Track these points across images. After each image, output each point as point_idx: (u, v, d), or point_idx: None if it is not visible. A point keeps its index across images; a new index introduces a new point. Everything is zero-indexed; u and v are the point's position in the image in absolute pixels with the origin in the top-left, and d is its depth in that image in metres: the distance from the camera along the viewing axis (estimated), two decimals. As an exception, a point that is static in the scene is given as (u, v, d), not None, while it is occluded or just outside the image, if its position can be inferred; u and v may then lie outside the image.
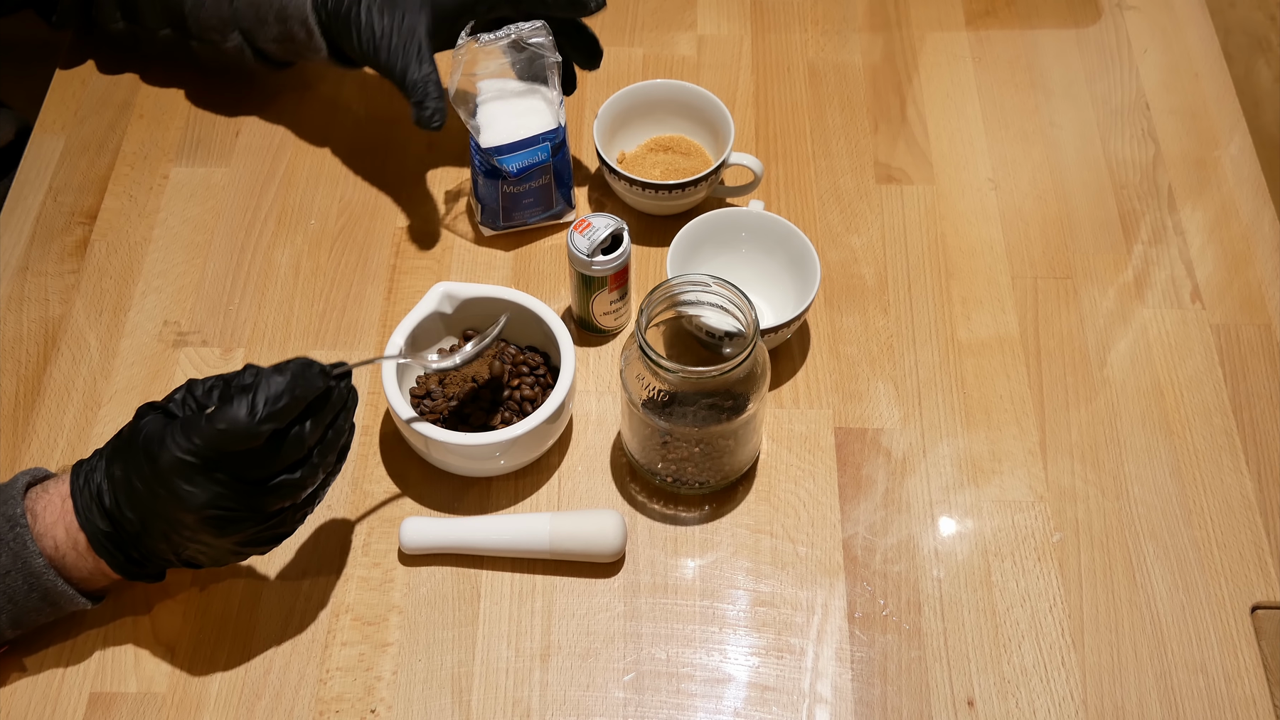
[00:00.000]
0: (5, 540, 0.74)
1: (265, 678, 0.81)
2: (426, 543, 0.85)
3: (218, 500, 0.69)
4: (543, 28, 0.94)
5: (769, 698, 0.80)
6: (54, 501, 0.75)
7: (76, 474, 0.75)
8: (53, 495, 0.75)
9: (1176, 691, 0.80)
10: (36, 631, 0.80)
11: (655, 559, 0.86)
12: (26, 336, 0.97)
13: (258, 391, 0.68)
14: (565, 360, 0.86)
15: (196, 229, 1.03)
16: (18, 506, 0.74)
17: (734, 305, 0.81)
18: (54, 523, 0.74)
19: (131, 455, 0.71)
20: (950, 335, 0.97)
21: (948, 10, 1.19)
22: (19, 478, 0.77)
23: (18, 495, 0.75)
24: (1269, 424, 0.92)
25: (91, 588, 0.77)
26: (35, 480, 0.77)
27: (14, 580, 0.74)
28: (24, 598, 0.75)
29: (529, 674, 0.81)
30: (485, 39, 0.94)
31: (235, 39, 1.00)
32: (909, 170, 1.07)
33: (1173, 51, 1.15)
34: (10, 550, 0.74)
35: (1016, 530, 0.87)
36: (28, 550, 0.73)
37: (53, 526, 0.74)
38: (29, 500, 0.75)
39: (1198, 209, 1.04)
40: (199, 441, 0.68)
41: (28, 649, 0.82)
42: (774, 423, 0.92)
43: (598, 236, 0.89)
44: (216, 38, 1.01)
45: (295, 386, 0.69)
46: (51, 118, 1.11)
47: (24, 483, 0.76)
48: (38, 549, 0.74)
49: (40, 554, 0.74)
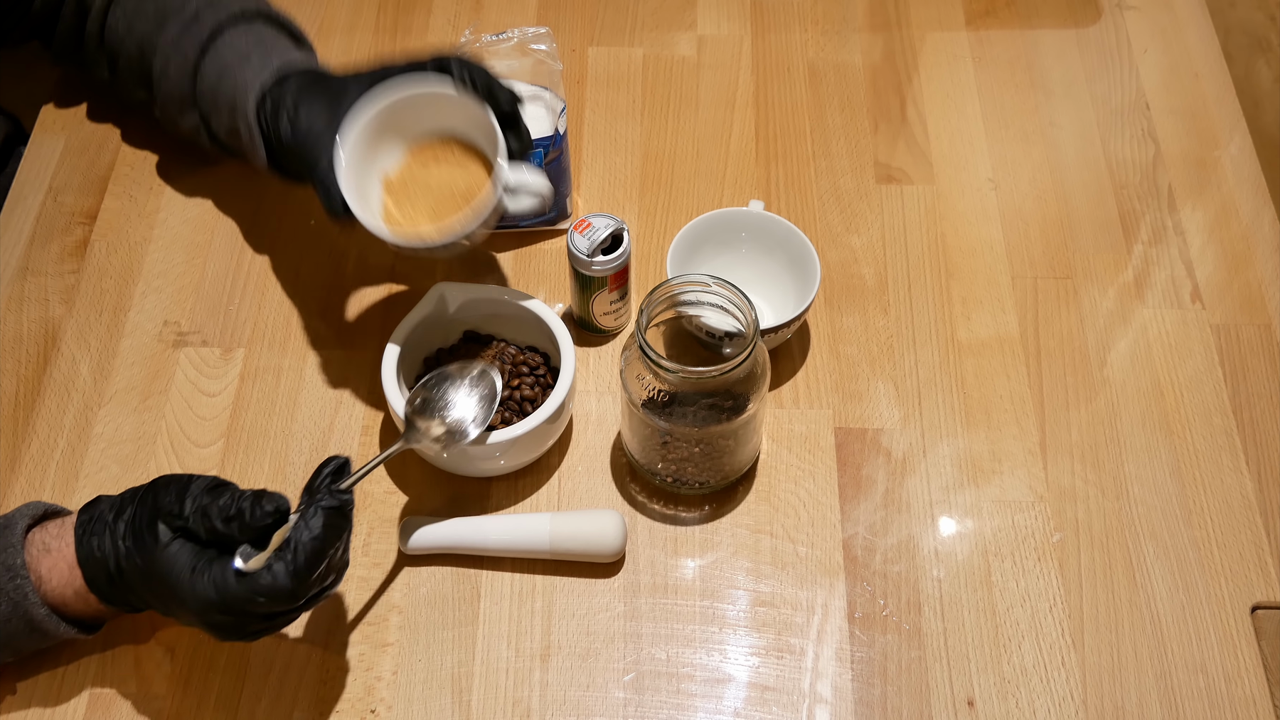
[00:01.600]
0: (5, 591, 0.73)
1: (265, 678, 0.81)
2: (426, 543, 0.85)
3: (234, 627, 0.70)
4: (547, 34, 0.94)
5: (769, 698, 0.80)
6: (59, 566, 0.74)
7: (82, 543, 0.73)
8: (56, 559, 0.74)
9: (1176, 691, 0.80)
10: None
11: (655, 559, 0.86)
12: (26, 336, 0.97)
13: (295, 554, 0.68)
14: (565, 360, 0.86)
15: (196, 229, 1.03)
16: (18, 556, 0.74)
17: (734, 305, 0.81)
18: (62, 587, 0.74)
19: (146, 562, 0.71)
20: (950, 335, 0.97)
21: (948, 10, 1.19)
22: (17, 520, 0.76)
23: (18, 544, 0.74)
24: (1269, 424, 0.92)
25: (91, 622, 0.78)
26: (34, 520, 0.76)
27: (14, 625, 0.75)
28: (24, 637, 0.75)
29: (529, 674, 0.81)
30: (488, 39, 0.94)
31: (193, 118, 0.96)
32: (909, 170, 1.07)
33: (1173, 51, 1.16)
34: (10, 600, 0.74)
35: (1016, 530, 0.87)
36: (28, 601, 0.73)
37: (61, 590, 0.74)
38: (32, 558, 0.74)
39: (1198, 209, 1.04)
40: (233, 603, 0.68)
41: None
42: (774, 423, 0.92)
43: (598, 236, 0.89)
44: (175, 113, 0.97)
45: (330, 540, 0.69)
46: (51, 118, 1.11)
47: (23, 527, 0.75)
48: (39, 599, 0.74)
49: (42, 604, 0.74)
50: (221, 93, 0.92)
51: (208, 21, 0.94)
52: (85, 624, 0.77)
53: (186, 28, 0.95)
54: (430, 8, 1.19)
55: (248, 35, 0.94)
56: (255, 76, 0.89)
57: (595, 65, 1.15)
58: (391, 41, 1.16)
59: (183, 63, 0.94)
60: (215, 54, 0.93)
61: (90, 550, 0.73)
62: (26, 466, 0.90)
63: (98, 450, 0.91)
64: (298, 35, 0.99)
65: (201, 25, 0.94)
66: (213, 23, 0.94)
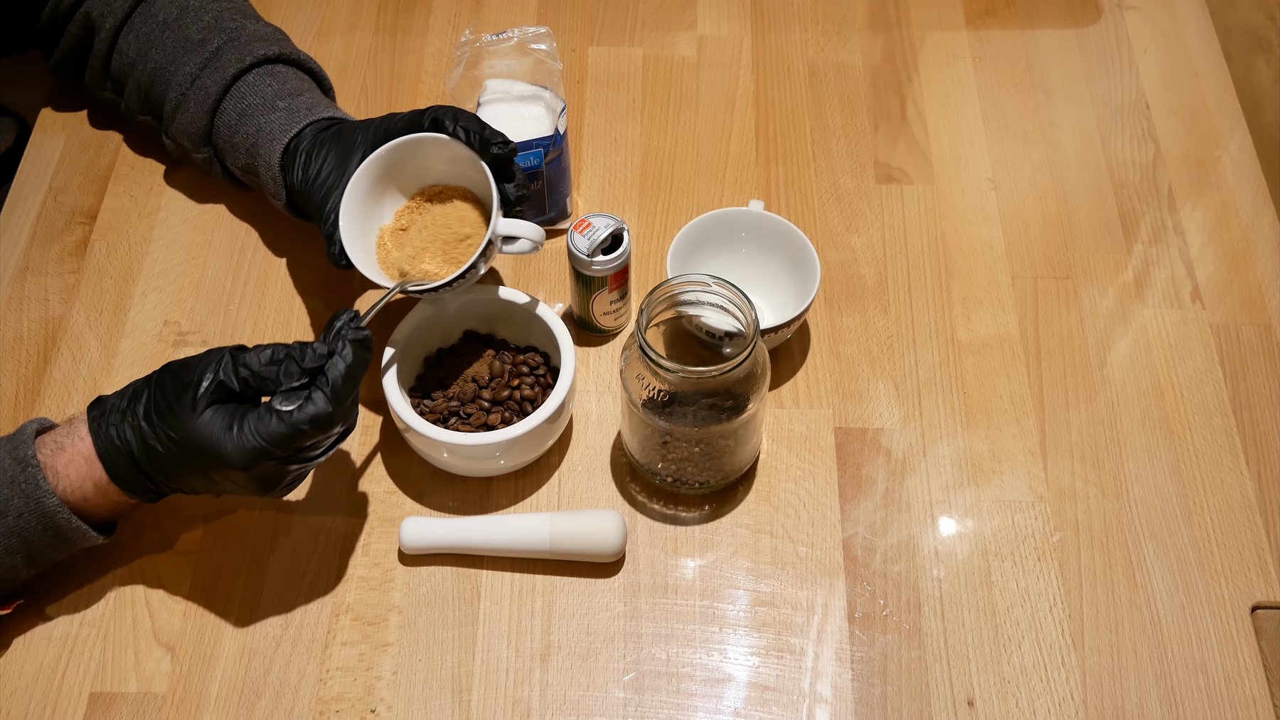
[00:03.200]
0: (18, 482, 0.75)
1: (265, 678, 0.81)
2: (426, 543, 0.85)
3: (274, 473, 0.74)
4: (547, 34, 0.94)
5: (769, 698, 0.80)
6: (76, 461, 0.76)
7: (99, 434, 0.76)
8: (72, 454, 0.76)
9: (1176, 691, 0.80)
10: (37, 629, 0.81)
11: (655, 559, 0.86)
12: (26, 336, 0.97)
13: (333, 383, 0.72)
14: (565, 360, 0.86)
15: (196, 229, 1.03)
16: (28, 449, 0.76)
17: (734, 305, 0.81)
18: (81, 480, 0.76)
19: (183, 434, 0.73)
20: (950, 335, 0.97)
21: (948, 10, 1.19)
22: (26, 426, 0.78)
23: (29, 439, 0.76)
24: (1269, 424, 0.92)
25: (105, 521, 0.80)
26: (42, 429, 0.78)
27: (28, 521, 0.76)
28: (38, 537, 0.77)
29: (529, 674, 0.81)
30: (488, 39, 0.94)
31: (206, 153, 0.98)
32: (909, 170, 1.07)
33: (1173, 51, 1.15)
34: (23, 492, 0.75)
35: (1016, 530, 0.87)
36: (40, 490, 0.75)
37: (80, 484, 0.76)
38: (45, 456, 0.76)
39: (1198, 209, 1.04)
40: (279, 443, 0.72)
41: (27, 650, 0.82)
42: (774, 423, 0.92)
43: (598, 236, 0.89)
44: (188, 145, 0.98)
45: (360, 367, 0.74)
46: (51, 118, 1.11)
47: (33, 429, 0.77)
48: (50, 488, 0.75)
49: (53, 493, 0.75)
50: (241, 133, 0.94)
51: (231, 62, 0.95)
52: (99, 525, 0.79)
53: (207, 64, 0.95)
54: (430, 7, 1.19)
55: (272, 81, 0.95)
56: (281, 128, 0.91)
57: (595, 65, 1.15)
58: (391, 41, 1.16)
59: (202, 99, 0.95)
60: (238, 95, 0.94)
61: (110, 439, 0.75)
62: (26, 466, 0.90)
63: (98, 450, 0.91)
64: (319, 75, 1.00)
65: (224, 64, 0.95)
66: (236, 64, 0.94)
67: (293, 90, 0.94)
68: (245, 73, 0.95)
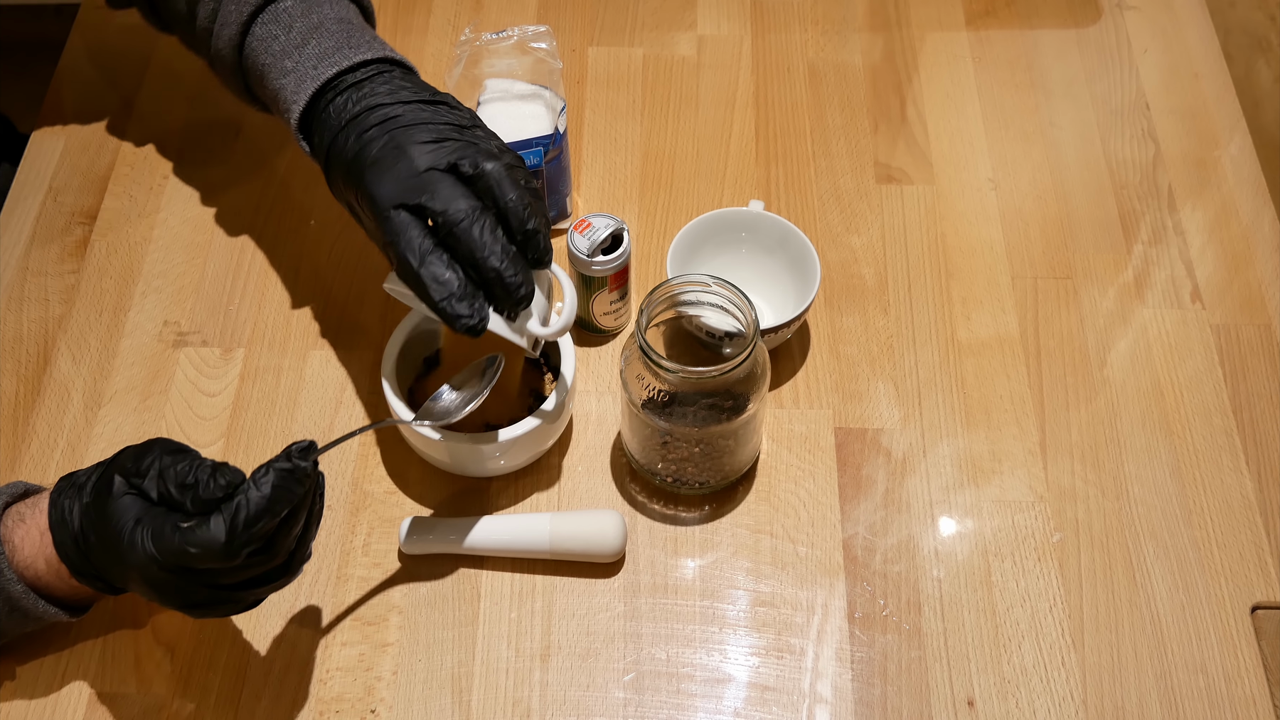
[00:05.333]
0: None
1: (265, 678, 0.81)
2: (426, 543, 0.85)
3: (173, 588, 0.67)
4: (547, 32, 0.94)
5: (769, 698, 0.80)
6: (32, 534, 0.73)
7: (55, 505, 0.71)
8: (30, 527, 0.73)
9: (1176, 691, 0.80)
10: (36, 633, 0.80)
11: (655, 559, 0.86)
12: (26, 336, 0.97)
13: (237, 511, 0.64)
14: (565, 360, 0.86)
15: (196, 229, 1.03)
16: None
17: (734, 305, 0.81)
18: (34, 556, 0.73)
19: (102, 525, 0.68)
20: (950, 335, 0.97)
21: (948, 10, 1.19)
22: (2, 491, 0.75)
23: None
24: (1269, 424, 0.92)
25: (76, 604, 0.76)
26: (13, 499, 0.76)
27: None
28: (5, 617, 0.74)
29: (529, 674, 0.81)
30: (488, 37, 0.94)
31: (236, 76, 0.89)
32: (909, 170, 1.07)
33: (1173, 51, 1.16)
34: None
35: (1016, 530, 0.87)
36: (4, 578, 0.72)
37: (33, 560, 0.73)
38: (7, 527, 0.73)
39: (1198, 209, 1.04)
40: (167, 556, 0.65)
41: (26, 651, 0.82)
42: (774, 423, 0.92)
43: (598, 237, 0.89)
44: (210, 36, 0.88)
45: (278, 503, 0.65)
46: (51, 118, 1.11)
47: (2, 502, 0.75)
48: (15, 576, 0.72)
49: (18, 580, 0.72)
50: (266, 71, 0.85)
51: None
52: (66, 605, 0.75)
53: None
54: (430, 7, 1.19)
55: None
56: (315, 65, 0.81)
57: (595, 65, 1.15)
58: (391, 41, 1.16)
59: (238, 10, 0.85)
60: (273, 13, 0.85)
61: (62, 513, 0.71)
62: (26, 466, 0.90)
63: (98, 450, 0.91)
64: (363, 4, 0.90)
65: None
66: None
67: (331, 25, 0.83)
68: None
